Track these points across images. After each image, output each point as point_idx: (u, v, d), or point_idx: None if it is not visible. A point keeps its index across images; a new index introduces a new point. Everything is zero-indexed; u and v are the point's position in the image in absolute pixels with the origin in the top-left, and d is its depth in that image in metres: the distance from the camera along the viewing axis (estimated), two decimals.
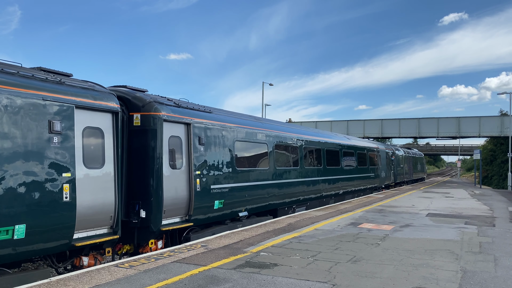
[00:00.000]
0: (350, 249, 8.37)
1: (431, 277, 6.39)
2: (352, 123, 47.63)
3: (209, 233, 10.23)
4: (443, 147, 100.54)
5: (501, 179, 50.14)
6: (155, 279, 6.12)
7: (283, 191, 13.83)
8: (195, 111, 10.19)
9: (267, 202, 12.90)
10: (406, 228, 11.09)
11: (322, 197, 17.36)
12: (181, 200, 9.37)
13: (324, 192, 17.44)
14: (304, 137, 15.95)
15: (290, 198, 14.39)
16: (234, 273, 6.47)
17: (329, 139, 18.90)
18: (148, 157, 8.74)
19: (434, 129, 44.19)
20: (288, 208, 14.56)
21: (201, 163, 9.91)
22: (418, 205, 17.57)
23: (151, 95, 9.41)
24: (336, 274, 6.51)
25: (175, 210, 9.26)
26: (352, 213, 14.26)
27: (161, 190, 8.72)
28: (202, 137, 10.03)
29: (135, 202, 8.64)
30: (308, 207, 15.99)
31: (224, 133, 10.97)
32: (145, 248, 8.75)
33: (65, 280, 6.01)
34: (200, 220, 9.93)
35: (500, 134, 41.47)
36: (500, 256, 7.95)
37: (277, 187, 13.46)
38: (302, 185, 15.29)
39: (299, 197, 15.07)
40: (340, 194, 19.60)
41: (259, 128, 12.88)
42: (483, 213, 15.15)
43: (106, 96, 7.95)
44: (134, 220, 8.61)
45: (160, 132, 8.84)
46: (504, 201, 20.93)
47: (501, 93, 47.77)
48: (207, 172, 10.07)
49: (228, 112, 12.38)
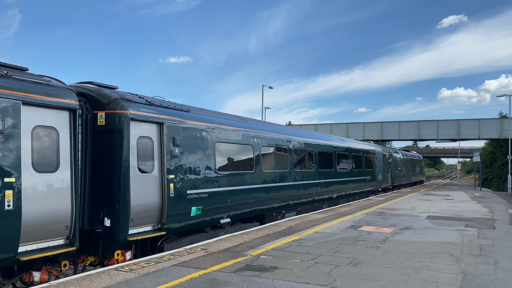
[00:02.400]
0: (350, 252, 8.36)
1: (432, 280, 6.38)
2: (351, 126, 47.66)
3: (187, 242, 9.43)
4: (443, 149, 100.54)
5: (501, 181, 50.14)
6: (155, 282, 6.11)
7: (271, 196, 13.04)
8: (169, 110, 9.40)
9: (253, 207, 12.08)
10: (406, 231, 11.08)
11: (314, 202, 16.60)
12: (152, 207, 8.56)
13: (317, 196, 16.65)
14: (294, 138, 15.21)
15: (278, 203, 13.59)
16: (234, 277, 6.46)
17: (322, 140, 18.09)
18: (113, 159, 7.95)
19: (434, 132, 44.25)
20: (277, 214, 13.82)
21: (176, 167, 9.13)
22: (418, 207, 17.56)
23: (120, 92, 8.70)
24: (336, 277, 6.50)
25: (145, 218, 8.45)
26: (352, 215, 14.24)
27: (128, 196, 7.94)
28: (177, 138, 9.24)
29: (99, 210, 7.88)
30: (299, 212, 15.27)
31: (203, 133, 10.18)
32: (111, 259, 8.02)
33: (65, 284, 6.00)
34: (175, 228, 9.15)
35: (500, 137, 41.49)
36: (501, 258, 7.95)
37: (264, 191, 12.64)
38: (292, 189, 14.50)
39: (288, 201, 14.27)
40: (334, 198, 18.75)
41: (244, 129, 12.07)
42: (483, 215, 15.14)
43: (63, 92, 7.10)
44: (98, 229, 7.83)
45: (127, 132, 8.07)
46: (504, 204, 20.92)
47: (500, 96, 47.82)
48: (183, 176, 9.29)
49: (210, 112, 11.51)
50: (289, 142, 14.63)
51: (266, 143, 13.08)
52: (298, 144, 15.32)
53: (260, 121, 14.65)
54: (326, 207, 17.68)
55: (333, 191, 18.47)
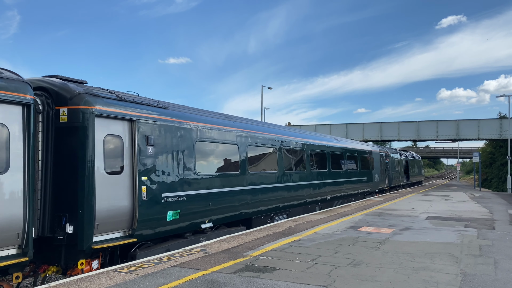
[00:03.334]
0: (350, 252, 8.35)
1: (431, 280, 6.38)
2: (351, 126, 47.70)
3: (163, 249, 8.76)
4: (442, 150, 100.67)
5: (501, 181, 50.18)
6: (154, 283, 6.10)
7: (258, 198, 12.28)
8: (142, 106, 8.70)
9: (239, 211, 11.37)
10: (406, 231, 11.08)
11: (306, 204, 15.88)
12: (121, 211, 7.84)
13: (309, 198, 15.91)
14: (284, 138, 14.46)
15: (267, 206, 12.86)
16: (233, 278, 6.45)
17: (315, 140, 17.27)
18: (76, 160, 7.25)
19: (433, 132, 44.30)
20: (266, 217, 13.13)
21: (150, 167, 8.42)
22: (418, 208, 17.56)
23: (87, 86, 8.02)
24: (336, 278, 6.49)
25: (114, 224, 7.75)
26: (352, 216, 14.24)
27: (93, 200, 7.26)
28: (151, 136, 8.53)
29: (61, 215, 7.18)
30: (290, 215, 14.62)
31: (182, 132, 9.47)
32: (75, 270, 7.30)
33: (64, 285, 5.99)
34: (148, 235, 8.44)
35: (499, 137, 41.54)
36: (500, 259, 7.94)
37: (251, 193, 11.90)
38: (282, 191, 13.76)
39: (278, 204, 13.57)
40: (328, 200, 18.03)
41: (228, 127, 11.31)
42: (482, 216, 15.14)
43: (15, 85, 6.41)
44: (59, 236, 7.13)
45: (92, 130, 7.38)
46: (504, 204, 20.92)
47: (499, 96, 47.86)
48: (157, 178, 8.58)
49: (190, 109, 10.73)
50: (278, 141, 13.96)
51: (253, 142, 12.39)
52: (289, 144, 14.67)
53: (248, 119, 13.80)
54: (319, 209, 17.16)
55: (327, 192, 17.79)
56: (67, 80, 7.88)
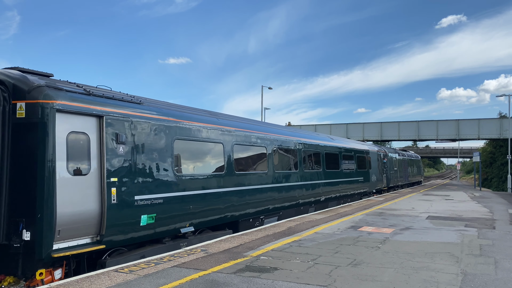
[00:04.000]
0: (350, 252, 8.35)
1: (432, 280, 6.38)
2: (351, 126, 47.71)
3: (137, 256, 8.09)
4: (442, 149, 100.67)
5: (501, 181, 50.18)
6: (155, 283, 6.10)
7: (246, 200, 11.61)
8: (113, 101, 7.99)
9: (224, 214, 10.68)
10: (406, 231, 11.08)
11: (299, 205, 15.22)
12: (88, 216, 7.18)
13: (301, 199, 15.25)
14: (274, 136, 13.77)
15: (255, 208, 12.16)
16: (234, 278, 6.45)
17: (307, 139, 16.54)
18: (34, 159, 6.62)
19: (434, 132, 44.30)
20: (254, 220, 12.50)
21: (120, 168, 7.75)
22: (418, 208, 17.56)
23: (52, 79, 7.41)
24: (336, 277, 6.49)
25: (79, 229, 7.06)
26: (352, 216, 14.24)
27: (53, 204, 6.58)
28: (123, 134, 7.88)
29: (17, 220, 6.54)
30: (281, 217, 13.94)
31: (159, 129, 8.80)
32: (33, 280, 6.65)
33: (65, 286, 5.99)
34: (119, 241, 7.75)
35: (500, 136, 41.56)
36: (501, 258, 7.94)
37: (237, 195, 11.20)
38: (272, 192, 13.09)
39: (267, 206, 12.87)
40: (322, 201, 17.38)
41: (212, 125, 10.60)
42: (483, 215, 15.14)
43: None
44: (15, 244, 6.51)
45: (53, 126, 6.72)
46: (504, 204, 20.92)
47: (499, 95, 47.85)
48: (129, 179, 7.91)
49: (169, 105, 10.05)
50: (268, 140, 13.27)
51: (240, 141, 11.70)
52: (280, 143, 14.00)
53: (235, 117, 13.03)
54: (313, 210, 16.57)
55: (321, 193, 17.10)
56: (28, 72, 7.31)
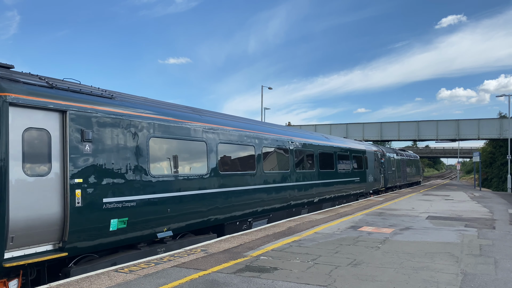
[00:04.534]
0: (350, 252, 8.35)
1: (432, 280, 6.38)
2: (351, 126, 47.73)
3: (107, 264, 7.57)
4: (442, 149, 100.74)
5: (501, 181, 50.22)
6: (155, 283, 6.10)
7: (232, 202, 10.97)
8: (80, 95, 7.33)
9: (207, 217, 10.05)
10: (406, 231, 11.08)
11: (291, 207, 14.61)
12: (48, 221, 6.57)
13: (293, 200, 14.59)
14: (264, 135, 13.05)
15: (242, 210, 11.52)
16: (234, 278, 6.45)
17: (300, 138, 15.79)
18: None
19: (433, 132, 44.34)
20: (242, 223, 11.86)
21: (86, 168, 7.11)
22: (418, 208, 17.56)
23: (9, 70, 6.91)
24: (336, 277, 6.50)
25: (37, 236, 6.46)
26: (352, 216, 14.24)
27: (5, 208, 6.00)
28: (89, 130, 7.23)
29: None
30: (271, 220, 13.42)
31: (132, 126, 8.15)
32: None
33: (64, 286, 5.99)
34: (85, 248, 7.12)
35: (499, 137, 41.59)
36: (501, 258, 7.94)
37: (222, 197, 10.57)
38: (261, 193, 12.42)
39: (256, 208, 12.22)
40: (316, 202, 16.71)
41: (194, 122, 9.96)
42: (483, 215, 15.14)
43: None
44: None
45: (5, 122, 6.15)
46: (504, 204, 20.92)
47: (499, 96, 47.91)
48: (97, 180, 7.28)
49: (145, 100, 9.40)
50: (257, 139, 12.59)
51: (226, 140, 11.06)
52: (269, 142, 13.33)
53: (221, 114, 12.33)
54: (306, 212, 16.00)
55: (314, 194, 16.40)
56: None
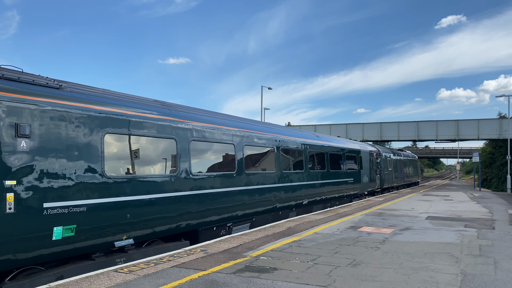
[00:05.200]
0: (350, 252, 8.35)
1: (431, 280, 6.38)
2: (351, 127, 47.76)
3: (51, 278, 6.63)
4: (442, 150, 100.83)
5: (500, 181, 50.26)
6: (154, 284, 6.10)
7: (206, 206, 9.94)
8: (17, 84, 6.41)
9: (176, 222, 9.04)
10: (405, 231, 11.08)
11: (277, 210, 13.59)
12: None
13: (279, 203, 13.60)
14: (243, 132, 11.91)
15: (220, 215, 10.52)
16: (233, 278, 6.45)
17: (287, 136, 14.73)
18: None
19: (433, 132, 44.38)
20: (220, 228, 10.80)
21: (21, 167, 6.21)
22: (418, 208, 17.56)
23: None
24: (336, 278, 6.50)
25: None
26: (352, 216, 14.25)
27: None
28: (26, 124, 6.31)
29: None
30: (253, 224, 12.32)
31: (82, 120, 7.15)
32: None
33: (64, 286, 5.99)
34: (20, 260, 6.22)
35: (499, 137, 41.62)
36: (500, 259, 7.95)
37: (195, 200, 9.55)
38: (242, 196, 11.39)
39: (236, 212, 11.20)
40: (305, 205, 15.73)
41: (160, 117, 8.91)
42: (482, 215, 15.15)
43: None
44: None
45: None
46: (504, 204, 20.93)
47: (499, 96, 47.95)
48: (35, 182, 6.35)
49: (103, 91, 8.35)
50: (237, 137, 11.53)
51: (201, 137, 10.03)
52: (252, 140, 12.27)
53: (196, 109, 11.09)
54: (294, 215, 15.02)
55: (303, 196, 15.40)
56: None
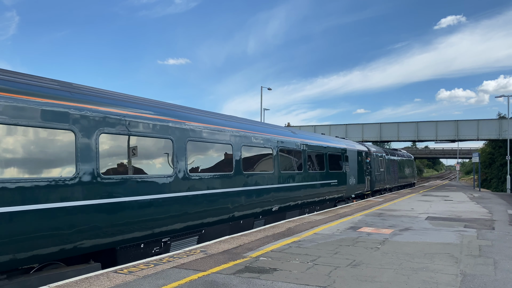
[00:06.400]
0: (349, 253, 8.35)
1: (431, 281, 6.38)
2: (350, 127, 47.77)
3: None
4: (441, 150, 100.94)
5: (500, 182, 50.28)
6: (154, 284, 6.09)
7: (126, 218, 7.66)
8: None
9: (76, 242, 6.82)
10: (405, 232, 11.08)
11: (235, 219, 11.12)
12: None
13: (239, 211, 11.19)
14: (188, 125, 9.40)
15: (150, 229, 8.19)
16: (233, 278, 6.45)
17: (251, 131, 12.28)
18: None
19: (433, 133, 44.42)
20: (150, 244, 8.46)
21: None
22: (417, 208, 17.57)
23: None
24: (336, 278, 6.49)
25: None
26: (351, 217, 14.25)
27: None
28: None
29: None
30: (203, 237, 9.89)
31: None
32: None
33: (64, 287, 5.98)
34: None
35: (499, 137, 41.66)
36: (500, 259, 7.95)
37: (105, 211, 7.26)
38: (183, 204, 9.00)
39: (174, 224, 8.79)
40: (275, 211, 13.37)
41: (60, 102, 6.72)
42: (482, 216, 15.15)
43: None
44: None
45: None
46: (503, 204, 20.94)
47: (499, 96, 48.02)
48: None
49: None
50: (178, 129, 9.12)
51: (113, 130, 7.59)
52: (199, 135, 9.82)
53: (105, 92, 8.29)
54: (261, 224, 12.79)
55: (273, 201, 13.09)
56: None
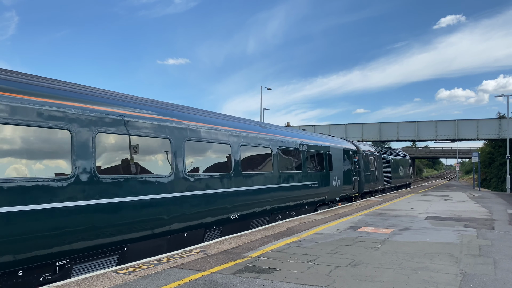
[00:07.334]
0: (349, 253, 8.35)
1: (431, 281, 6.38)
2: (350, 127, 47.79)
3: None
4: (441, 150, 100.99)
5: (500, 181, 50.27)
6: (154, 285, 6.09)
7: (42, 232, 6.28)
8: None
9: None
10: (405, 232, 11.08)
11: (175, 232, 8.94)
12: None
13: (179, 222, 8.99)
14: (107, 111, 7.50)
15: (42, 249, 6.35)
16: (233, 278, 6.44)
17: (204, 124, 10.16)
18: None
19: (432, 132, 44.45)
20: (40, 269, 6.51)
21: None
22: (417, 208, 17.57)
23: None
24: (335, 278, 6.49)
25: None
26: (351, 216, 14.24)
27: None
28: None
29: None
30: (124, 258, 7.84)
31: None
32: None
33: (63, 286, 5.98)
34: None
35: (498, 137, 41.68)
36: (500, 258, 7.95)
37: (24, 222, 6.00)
38: (84, 216, 6.93)
39: (77, 243, 6.86)
40: (236, 219, 11.09)
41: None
42: (482, 215, 15.15)
43: None
44: None
45: None
46: (503, 204, 20.94)
47: (498, 96, 48.06)
48: None
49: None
50: (98, 119, 7.29)
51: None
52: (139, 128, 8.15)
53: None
54: (217, 236, 10.55)
55: (229, 208, 10.73)
56: None
